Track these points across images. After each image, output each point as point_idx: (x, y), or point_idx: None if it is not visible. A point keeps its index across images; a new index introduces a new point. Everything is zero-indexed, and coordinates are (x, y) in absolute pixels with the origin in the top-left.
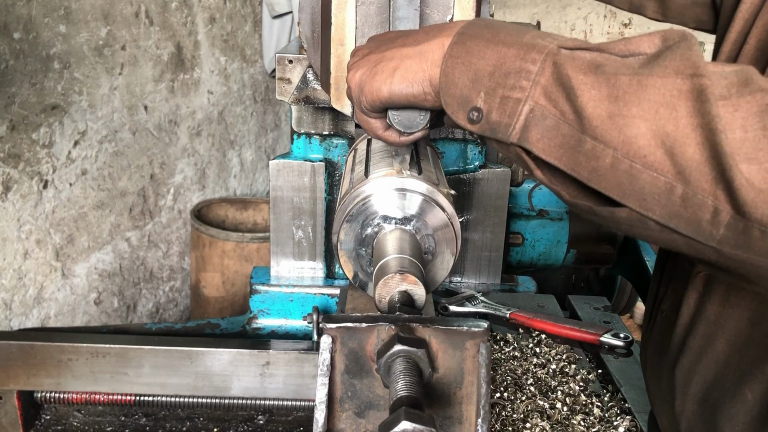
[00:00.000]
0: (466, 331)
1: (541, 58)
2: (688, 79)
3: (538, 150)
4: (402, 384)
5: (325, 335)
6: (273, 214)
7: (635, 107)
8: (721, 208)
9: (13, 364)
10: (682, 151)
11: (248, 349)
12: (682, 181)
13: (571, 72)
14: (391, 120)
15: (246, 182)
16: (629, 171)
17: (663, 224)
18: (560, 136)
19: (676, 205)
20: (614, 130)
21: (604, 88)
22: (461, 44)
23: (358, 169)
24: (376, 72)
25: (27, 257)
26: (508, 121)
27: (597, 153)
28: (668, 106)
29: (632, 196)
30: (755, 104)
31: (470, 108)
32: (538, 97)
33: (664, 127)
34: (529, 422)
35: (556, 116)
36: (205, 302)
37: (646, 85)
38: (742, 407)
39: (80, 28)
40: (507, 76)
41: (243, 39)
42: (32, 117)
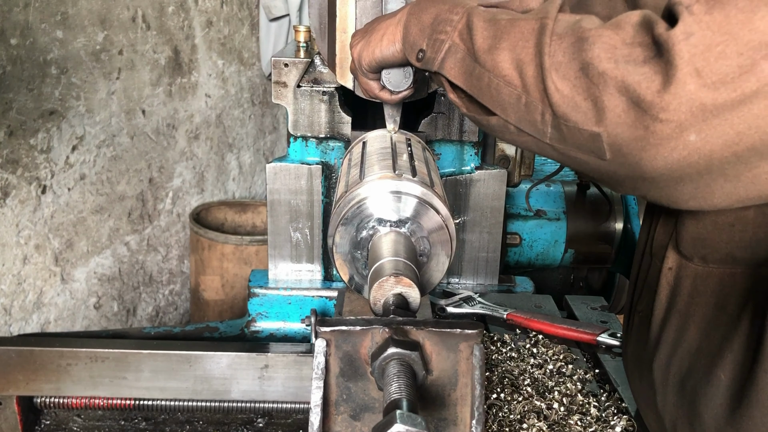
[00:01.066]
0: (460, 334)
1: (462, 11)
2: (539, 21)
3: (450, 76)
4: (396, 386)
5: (319, 338)
6: (270, 217)
7: (505, 41)
8: (545, 111)
9: (13, 370)
10: (526, 71)
11: (247, 353)
12: (525, 92)
13: (475, 20)
14: (383, 80)
15: (245, 185)
16: (497, 87)
17: (517, 126)
18: (464, 65)
19: (522, 111)
20: (490, 59)
21: (491, 29)
22: (417, 5)
23: (353, 172)
24: (370, 41)
25: (26, 262)
26: (434, 56)
27: (481, 75)
28: (523, 40)
29: (499, 105)
30: (573, 36)
31: (418, 50)
32: (455, 38)
33: (519, 55)
34: (526, 423)
35: (463, 51)
36: (204, 305)
37: (515, 25)
38: (717, 389)
39: (77, 33)
40: (440, 24)
41: (240, 42)
42: (30, 122)
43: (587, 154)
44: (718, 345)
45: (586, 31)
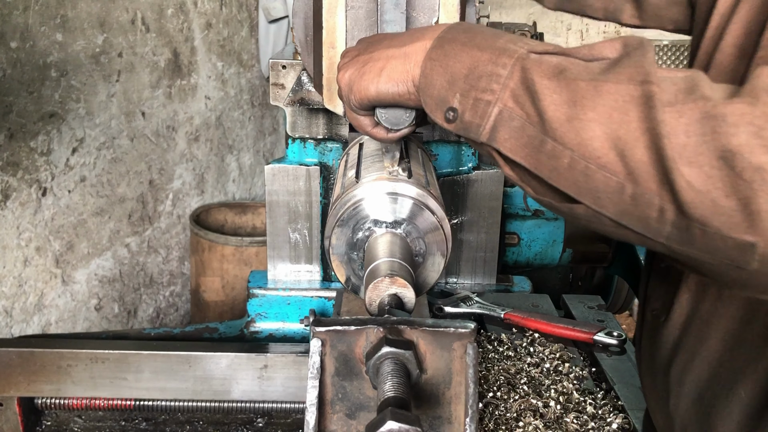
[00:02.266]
0: (453, 332)
1: (511, 63)
2: (639, 86)
3: (505, 149)
4: (389, 385)
5: (315, 338)
6: (269, 218)
7: (591, 111)
8: (666, 208)
9: (14, 371)
10: (632, 154)
11: (246, 353)
12: (631, 181)
13: (536, 77)
14: (378, 117)
15: (245, 187)
16: (585, 171)
17: (616, 221)
18: (525, 136)
19: (627, 204)
20: (572, 133)
21: (565, 93)
22: (440, 47)
23: (349, 174)
24: (364, 72)
25: (27, 264)
26: (479, 122)
27: (557, 153)
28: (620, 111)
29: (588, 194)
30: (697, 111)
31: (447, 108)
32: (506, 99)
33: (616, 131)
34: (522, 421)
35: (522, 118)
36: (205, 306)
37: (602, 90)
38: (736, 406)
39: (77, 36)
40: (480, 79)
41: (239, 44)
42: (30, 125)
43: (721, 260)
44: (742, 362)
45: (716, 105)
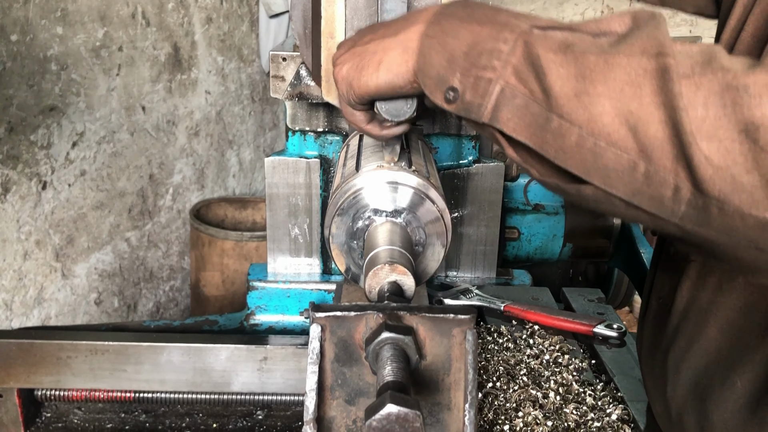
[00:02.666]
0: (453, 319)
1: (513, 38)
2: (653, 59)
3: (508, 129)
4: (389, 370)
5: (314, 324)
6: (269, 211)
7: (601, 85)
8: (681, 186)
9: (13, 363)
10: (645, 129)
11: (246, 345)
12: (644, 158)
13: (541, 51)
14: (378, 110)
15: (245, 182)
16: (593, 149)
17: (627, 201)
18: (529, 115)
19: (639, 183)
20: (580, 108)
21: (572, 67)
22: (437, 24)
23: (349, 164)
24: (363, 66)
25: (27, 258)
26: (480, 101)
27: (563, 131)
28: (633, 85)
29: (597, 173)
30: (716, 83)
31: (447, 88)
32: (509, 76)
33: (628, 106)
34: (522, 411)
35: (526, 95)
36: (205, 301)
37: (613, 63)
38: (731, 395)
39: (77, 29)
40: (480, 55)
41: (240, 39)
42: (30, 119)
43: (739, 241)
44: (740, 351)
45: (736, 76)
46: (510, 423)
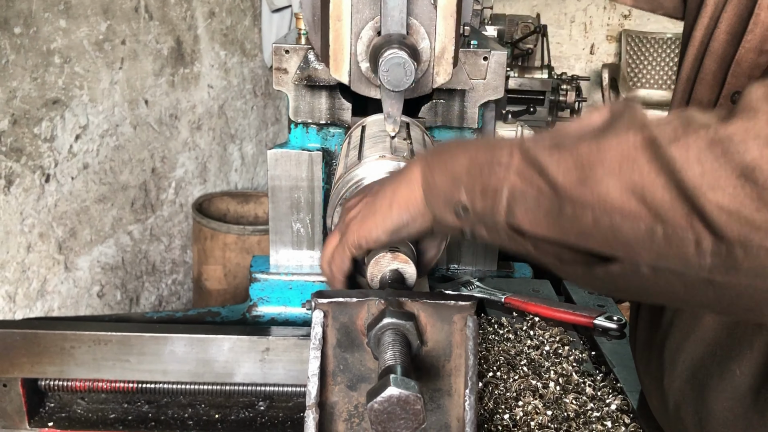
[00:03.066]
0: (454, 305)
1: (508, 148)
2: (639, 132)
3: (525, 225)
4: (390, 354)
5: (317, 310)
6: (272, 203)
7: (600, 168)
8: (701, 237)
9: (17, 353)
10: (652, 195)
11: (248, 336)
12: (659, 221)
13: (537, 153)
14: (381, 76)
15: (247, 176)
16: (611, 225)
17: (654, 266)
18: (542, 208)
19: (661, 246)
20: (588, 192)
21: (570, 159)
22: (436, 156)
23: (351, 154)
24: (375, 211)
25: (30, 250)
26: (493, 207)
27: (578, 214)
28: (628, 160)
29: (620, 247)
30: (702, 140)
31: (455, 204)
32: (513, 179)
33: (630, 179)
34: (522, 400)
35: (534, 192)
36: (207, 295)
37: (604, 147)
38: (729, 384)
39: (80, 22)
40: (482, 168)
41: (242, 33)
42: (34, 111)
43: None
44: (738, 340)
45: (717, 130)
46: (510, 412)
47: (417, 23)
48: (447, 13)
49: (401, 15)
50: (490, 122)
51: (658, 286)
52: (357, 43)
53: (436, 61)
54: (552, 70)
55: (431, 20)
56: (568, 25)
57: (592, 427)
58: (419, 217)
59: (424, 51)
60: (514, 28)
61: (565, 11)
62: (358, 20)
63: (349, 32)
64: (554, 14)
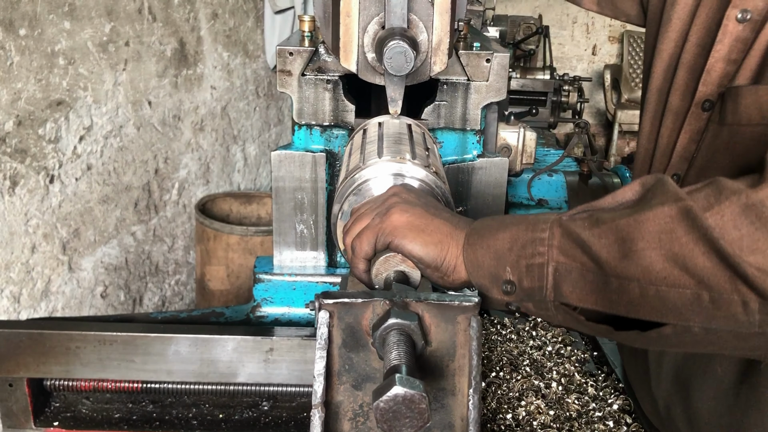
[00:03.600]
0: (458, 306)
1: (548, 226)
2: (674, 205)
3: (574, 300)
4: (395, 354)
5: (323, 310)
6: (275, 204)
7: (641, 242)
8: (747, 299)
9: (23, 353)
10: (694, 264)
11: (252, 336)
12: (704, 287)
13: (578, 230)
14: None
15: (250, 177)
16: (657, 294)
17: (705, 328)
18: (588, 283)
19: (710, 309)
20: (632, 266)
21: (611, 235)
22: (476, 233)
23: (355, 156)
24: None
25: (34, 251)
26: (540, 284)
27: (624, 288)
28: (667, 231)
29: (669, 313)
30: (735, 206)
31: (502, 282)
32: (557, 256)
33: (671, 249)
34: (524, 400)
35: (579, 268)
36: (210, 295)
37: (642, 220)
38: (713, 382)
39: (84, 24)
40: (524, 247)
41: (245, 34)
42: (38, 112)
43: None
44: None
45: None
46: (513, 412)
47: (416, 18)
48: (442, 9)
49: (402, 11)
50: (492, 123)
51: (711, 343)
52: (364, 36)
53: (433, 51)
54: (554, 71)
55: (429, 16)
56: (570, 26)
57: (594, 426)
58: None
59: (423, 43)
60: (516, 29)
61: (567, 12)
62: (365, 16)
63: (357, 26)
64: (556, 15)
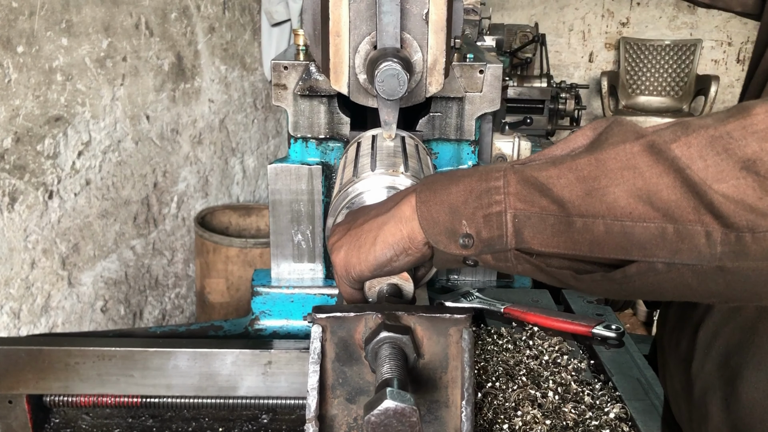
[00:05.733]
0: (449, 318)
1: (502, 174)
2: (635, 142)
3: (536, 245)
4: (387, 368)
5: (315, 325)
6: (272, 217)
7: (603, 179)
8: (711, 229)
9: (23, 369)
10: (658, 197)
11: (250, 349)
12: (669, 220)
13: (534, 173)
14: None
15: (248, 189)
16: (622, 230)
17: (669, 263)
18: (549, 226)
19: (674, 242)
20: (596, 202)
21: (570, 174)
22: (427, 190)
23: (348, 170)
24: (359, 246)
25: (34, 267)
26: (500, 233)
27: (589, 226)
28: (629, 168)
29: (634, 249)
30: (702, 138)
31: (459, 236)
32: (514, 203)
33: (634, 185)
34: (521, 410)
35: (538, 212)
36: (210, 308)
37: (603, 159)
38: (764, 376)
39: (81, 40)
40: (479, 197)
41: (242, 47)
42: (36, 129)
43: None
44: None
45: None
46: (509, 422)
47: (410, 37)
48: (438, 27)
49: (395, 30)
50: (487, 134)
51: (672, 281)
52: (355, 56)
53: (429, 72)
54: (551, 78)
55: (423, 34)
56: (567, 33)
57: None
58: (403, 254)
59: (417, 63)
60: (512, 37)
61: (563, 20)
62: (356, 35)
63: (348, 47)
64: (552, 23)
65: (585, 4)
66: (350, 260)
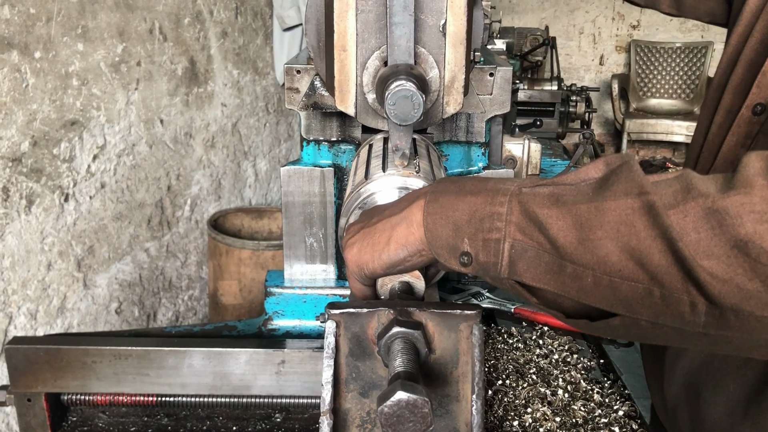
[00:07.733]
0: (460, 314)
1: (507, 200)
2: (637, 198)
3: (528, 279)
4: (399, 361)
5: (329, 320)
6: (285, 219)
7: (599, 230)
8: (696, 301)
9: (41, 368)
10: (650, 260)
11: (264, 349)
12: (657, 284)
13: (536, 208)
14: (387, 111)
15: (261, 192)
16: (610, 285)
17: (652, 322)
18: (543, 264)
19: (659, 305)
20: (587, 253)
21: (569, 218)
22: (435, 202)
23: (360, 171)
24: (374, 244)
25: (50, 268)
26: (495, 260)
27: (579, 274)
28: (626, 224)
29: (619, 305)
30: (699, 208)
31: (459, 254)
32: (514, 233)
33: (628, 243)
34: (531, 407)
35: (535, 247)
36: (223, 310)
37: (603, 209)
38: (723, 397)
39: (97, 45)
40: (482, 220)
41: (255, 52)
42: (53, 133)
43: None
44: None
45: (715, 200)
46: (519, 419)
47: (425, 52)
48: (456, 40)
49: (408, 44)
50: (497, 136)
51: (656, 337)
52: (363, 73)
53: (446, 90)
54: (561, 81)
55: (440, 48)
56: (577, 36)
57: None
58: (416, 255)
59: (433, 81)
60: (522, 40)
61: (573, 23)
62: (364, 50)
63: (355, 63)
64: (563, 26)
65: (595, 6)
66: (363, 257)
